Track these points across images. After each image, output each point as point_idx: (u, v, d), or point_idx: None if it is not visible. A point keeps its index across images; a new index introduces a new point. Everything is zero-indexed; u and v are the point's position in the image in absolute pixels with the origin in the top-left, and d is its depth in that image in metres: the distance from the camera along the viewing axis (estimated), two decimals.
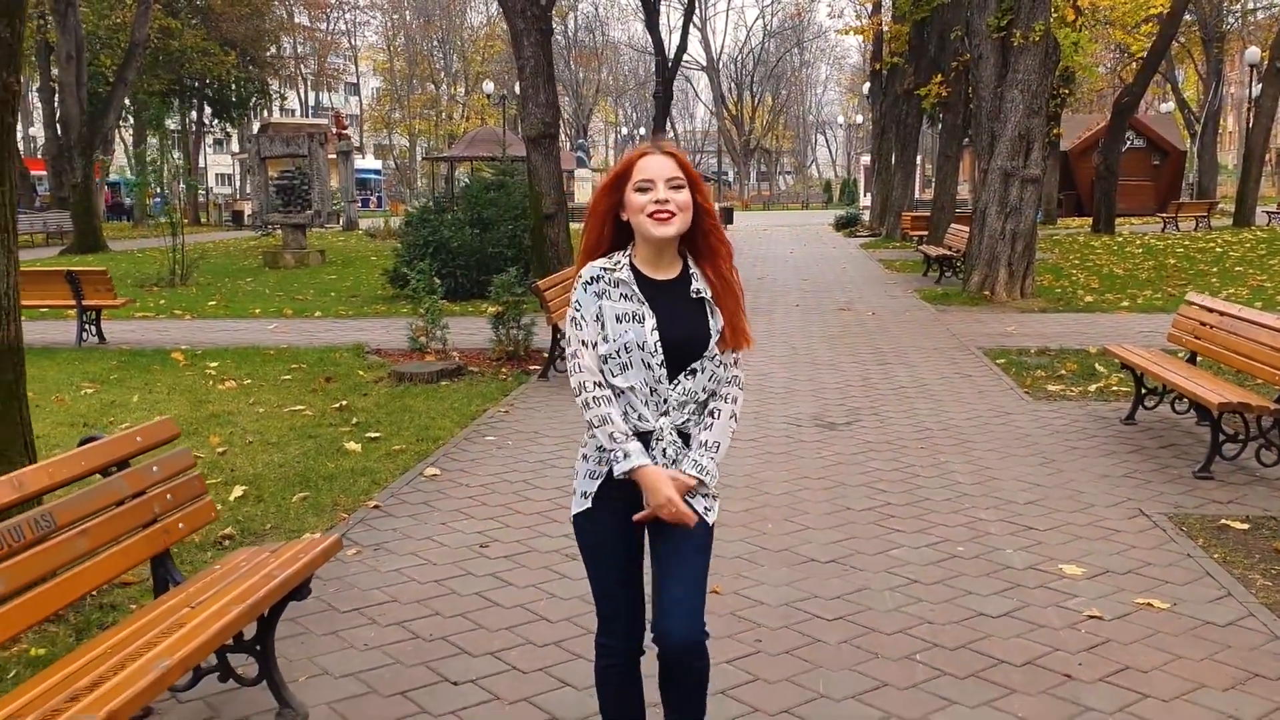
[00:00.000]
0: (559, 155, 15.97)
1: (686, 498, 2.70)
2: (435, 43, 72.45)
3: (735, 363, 2.81)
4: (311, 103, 74.55)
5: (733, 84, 78.63)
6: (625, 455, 2.68)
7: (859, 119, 69.11)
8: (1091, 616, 4.27)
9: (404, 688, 3.71)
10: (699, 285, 2.74)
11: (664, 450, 2.71)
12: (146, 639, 2.94)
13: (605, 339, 2.68)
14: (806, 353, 10.91)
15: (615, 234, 2.76)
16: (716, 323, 2.73)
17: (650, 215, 2.64)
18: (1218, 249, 22.55)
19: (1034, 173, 14.65)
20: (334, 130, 45.75)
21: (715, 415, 2.76)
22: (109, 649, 2.91)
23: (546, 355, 9.89)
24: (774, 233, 36.01)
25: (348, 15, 70.15)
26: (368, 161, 73.71)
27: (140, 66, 32.03)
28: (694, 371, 2.71)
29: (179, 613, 3.13)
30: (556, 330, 9.42)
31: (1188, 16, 38.61)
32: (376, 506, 5.80)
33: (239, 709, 3.55)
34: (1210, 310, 7.37)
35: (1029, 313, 13.78)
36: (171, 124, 45.71)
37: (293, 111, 69.45)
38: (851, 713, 3.53)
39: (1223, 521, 5.44)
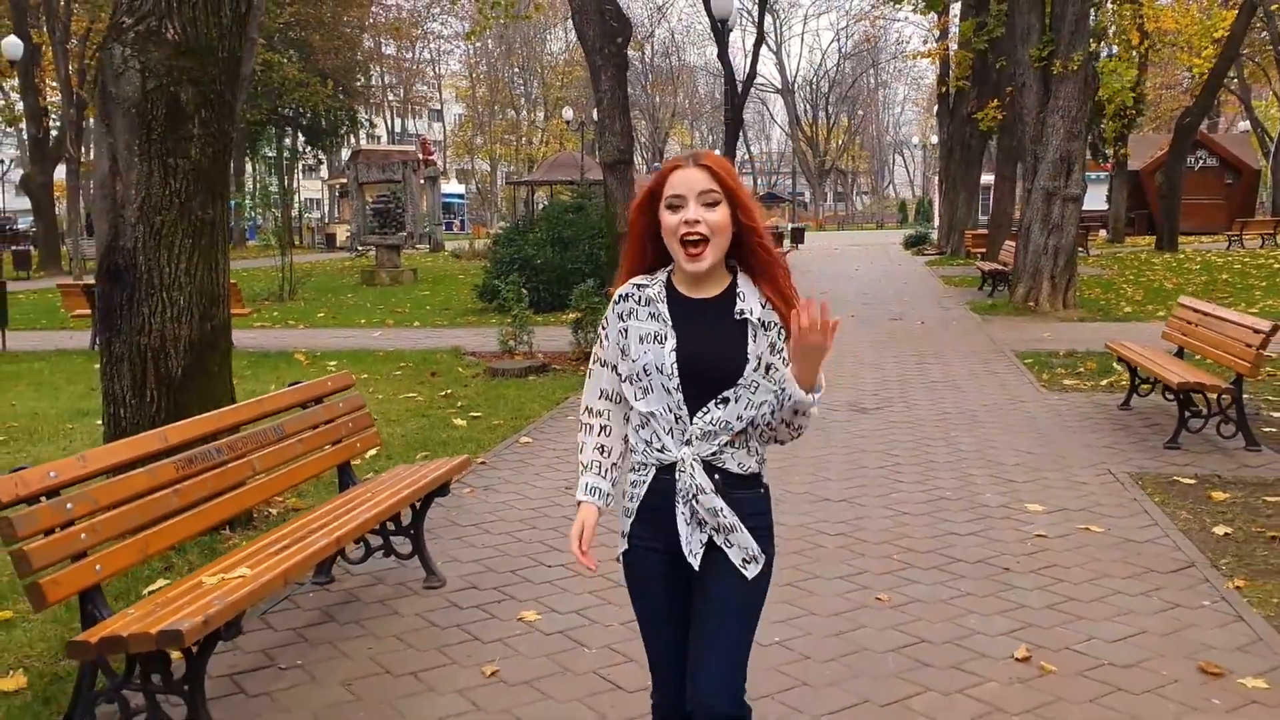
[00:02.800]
0: (633, 179, 17.43)
1: (730, 560, 2.54)
2: (516, 70, 74.89)
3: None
4: (397, 129, 77.47)
5: (808, 106, 79.81)
6: (580, 485, 2.69)
7: (934, 139, 69.80)
8: (1039, 535, 5.51)
9: (513, 569, 5.12)
10: (744, 306, 2.49)
11: (686, 486, 2.50)
12: (347, 507, 4.38)
13: (629, 360, 2.53)
14: (853, 354, 12.14)
15: (656, 253, 2.57)
16: (758, 347, 2.47)
17: (682, 242, 2.45)
18: (1276, 265, 23.14)
19: (1074, 192, 15.72)
20: (421, 157, 48.08)
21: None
22: (322, 514, 4.35)
23: None
24: (844, 251, 37.13)
25: (433, 44, 73.04)
26: (450, 186, 76.31)
27: (244, 98, 34.39)
28: (727, 400, 2.47)
29: (363, 497, 4.57)
30: None
31: (1263, 35, 38.93)
32: (483, 462, 7.24)
33: (396, 577, 4.98)
34: (1195, 311, 8.50)
35: (1068, 321, 14.83)
36: (267, 151, 48.45)
37: (379, 138, 72.35)
38: (836, 586, 4.83)
39: (1174, 478, 6.61)
